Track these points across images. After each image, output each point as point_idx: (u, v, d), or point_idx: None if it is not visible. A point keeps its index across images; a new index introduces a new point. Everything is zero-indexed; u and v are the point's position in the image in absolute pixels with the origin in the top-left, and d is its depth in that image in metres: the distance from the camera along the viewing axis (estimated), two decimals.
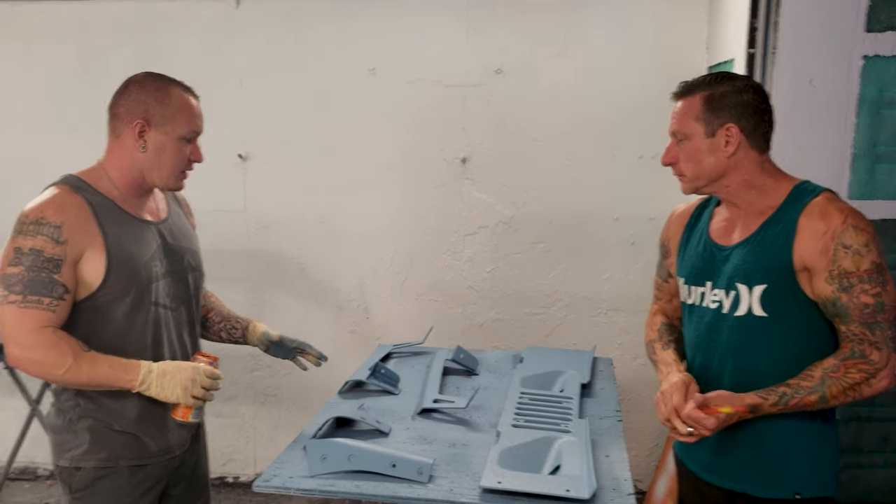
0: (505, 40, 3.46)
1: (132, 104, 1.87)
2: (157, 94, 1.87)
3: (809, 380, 1.65)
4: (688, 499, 1.99)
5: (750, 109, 1.73)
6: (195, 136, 1.93)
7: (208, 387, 1.86)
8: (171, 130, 1.87)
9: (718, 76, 1.79)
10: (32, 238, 1.75)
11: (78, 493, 1.90)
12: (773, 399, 1.64)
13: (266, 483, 1.82)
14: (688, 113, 1.76)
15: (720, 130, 1.73)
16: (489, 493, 1.71)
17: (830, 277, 1.65)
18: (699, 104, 1.75)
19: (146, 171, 1.89)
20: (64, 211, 1.79)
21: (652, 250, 3.46)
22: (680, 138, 1.79)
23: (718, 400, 1.65)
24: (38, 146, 3.75)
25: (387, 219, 3.62)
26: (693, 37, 3.38)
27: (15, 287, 1.74)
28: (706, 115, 1.74)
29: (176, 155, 1.90)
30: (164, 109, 1.86)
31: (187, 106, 1.90)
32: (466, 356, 2.63)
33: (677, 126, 1.79)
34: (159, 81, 1.90)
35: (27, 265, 1.74)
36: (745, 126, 1.73)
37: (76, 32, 3.68)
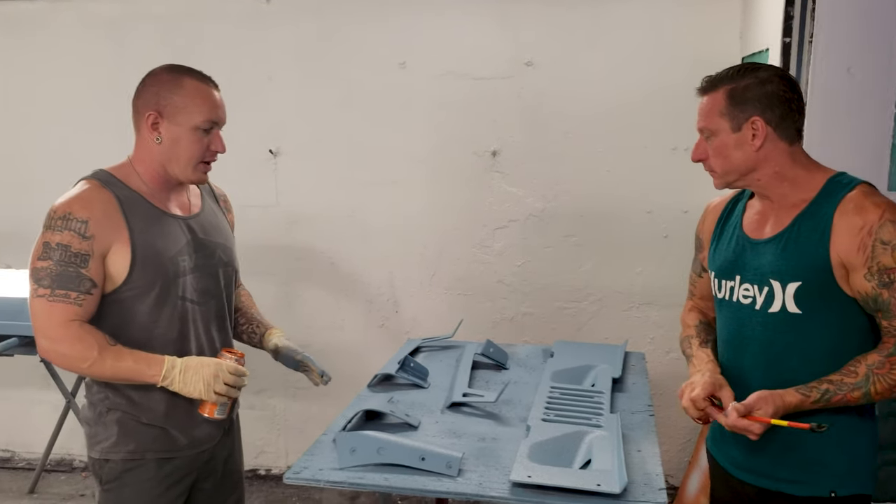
0: (535, 32, 3.43)
1: (147, 96, 1.89)
2: (168, 85, 1.87)
3: (853, 376, 1.61)
4: (720, 496, 1.96)
5: (775, 100, 1.69)
6: (212, 126, 1.90)
7: (231, 383, 1.86)
8: (184, 121, 1.86)
9: (741, 68, 1.75)
10: (60, 233, 1.78)
11: (107, 485, 1.93)
12: (815, 396, 1.61)
13: (296, 475, 1.82)
14: (712, 109, 1.74)
15: (745, 124, 1.70)
16: (519, 487, 1.70)
17: (870, 274, 1.61)
18: (723, 99, 1.72)
19: (165, 163, 1.90)
20: (91, 206, 1.81)
21: (685, 244, 3.41)
22: (707, 134, 1.76)
23: (760, 403, 1.61)
24: (72, 142, 3.80)
25: (416, 212, 3.62)
26: (727, 26, 3.33)
27: (44, 281, 1.77)
28: (730, 109, 1.71)
29: (192, 145, 1.88)
30: (175, 99, 1.86)
31: (201, 95, 1.88)
32: (496, 350, 2.62)
33: (703, 122, 1.76)
34: (173, 72, 1.90)
35: (55, 259, 1.77)
36: (770, 118, 1.69)
37: (109, 28, 3.72)
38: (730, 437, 1.85)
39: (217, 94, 1.92)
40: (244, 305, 2.24)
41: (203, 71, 1.95)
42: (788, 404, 1.60)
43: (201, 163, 1.92)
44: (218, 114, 1.91)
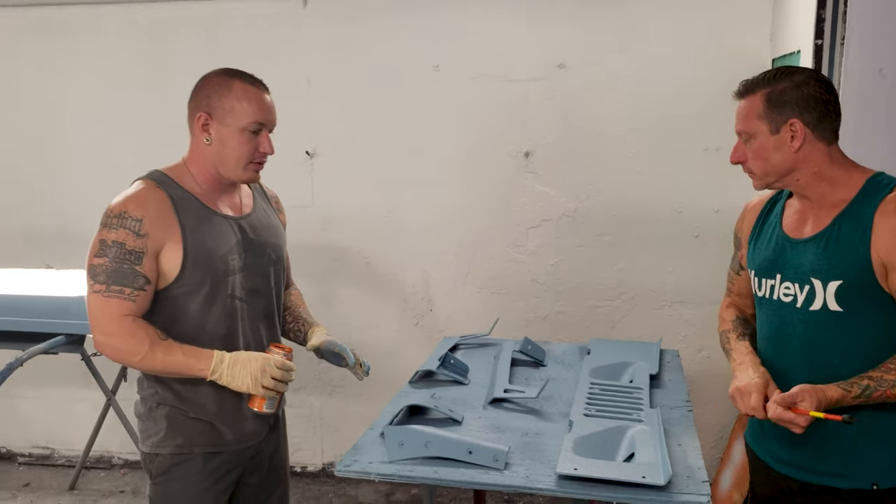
0: (567, 35, 3.48)
1: (198, 99, 1.95)
2: (218, 88, 1.92)
3: (893, 373, 1.65)
4: (761, 489, 2.00)
5: (812, 102, 1.73)
6: (260, 128, 1.94)
7: (279, 378, 1.89)
8: (232, 122, 1.91)
9: (777, 72, 1.79)
10: (116, 231, 1.84)
11: (157, 479, 1.99)
12: (855, 392, 1.65)
13: (347, 468, 1.88)
14: (750, 112, 1.78)
15: (784, 126, 1.74)
16: (565, 479, 1.75)
17: None
18: (761, 102, 1.76)
19: (216, 164, 1.95)
20: (146, 205, 1.87)
21: (716, 243, 3.49)
22: (745, 137, 1.80)
23: (802, 395, 1.63)
24: (113, 144, 3.90)
25: (450, 212, 3.67)
26: (757, 29, 3.36)
27: (100, 277, 1.84)
28: (768, 112, 1.75)
29: (240, 147, 1.93)
30: (224, 101, 1.91)
31: (249, 97, 1.92)
32: (534, 347, 2.67)
33: (742, 126, 1.81)
34: (223, 75, 1.95)
35: (111, 256, 1.83)
36: (808, 119, 1.73)
37: (150, 33, 3.81)
38: (770, 432, 1.90)
39: (266, 97, 1.97)
40: (293, 304, 2.29)
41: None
42: (830, 399, 1.63)
43: (251, 163, 1.96)
44: (266, 116, 1.95)
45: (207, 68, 3.90)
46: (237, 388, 1.88)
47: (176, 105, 3.73)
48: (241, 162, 1.95)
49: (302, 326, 2.25)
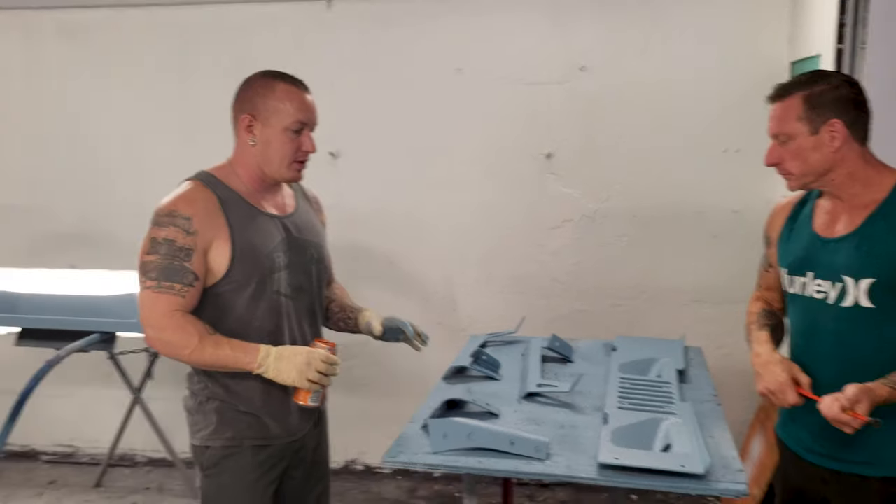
0: (588, 38, 3.55)
1: (242, 102, 2.01)
2: (261, 90, 1.98)
3: None
4: (792, 479, 2.07)
5: (850, 103, 1.80)
6: (302, 127, 2.00)
7: (324, 371, 1.94)
8: (276, 122, 1.97)
9: (812, 75, 1.85)
10: (166, 229, 1.90)
11: (208, 471, 2.04)
12: None
13: (393, 459, 1.94)
14: (788, 114, 1.82)
15: (823, 127, 1.79)
16: (606, 468, 1.81)
17: None
18: (799, 104, 1.80)
19: (261, 164, 2.01)
20: (195, 204, 1.93)
21: (735, 243, 3.57)
22: (783, 139, 1.84)
23: (860, 397, 1.65)
24: (136, 146, 3.97)
25: (473, 213, 3.74)
26: (774, 32, 3.43)
27: (151, 273, 1.89)
28: (808, 113, 1.79)
29: (283, 146, 1.98)
30: (267, 103, 1.96)
31: (291, 98, 1.98)
32: (562, 344, 2.73)
33: (779, 128, 1.84)
34: (266, 77, 2.01)
35: (162, 254, 1.89)
36: (847, 120, 1.79)
37: (176, 36, 3.87)
38: (800, 422, 1.96)
39: (308, 97, 2.02)
40: (338, 297, 2.36)
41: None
42: (880, 397, 1.67)
43: (294, 162, 2.02)
44: (307, 115, 2.01)
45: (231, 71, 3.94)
46: (283, 382, 1.93)
47: (201, 107, 3.85)
48: (286, 161, 2.00)
49: (350, 314, 2.33)
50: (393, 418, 3.90)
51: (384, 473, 4.04)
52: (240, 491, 2.03)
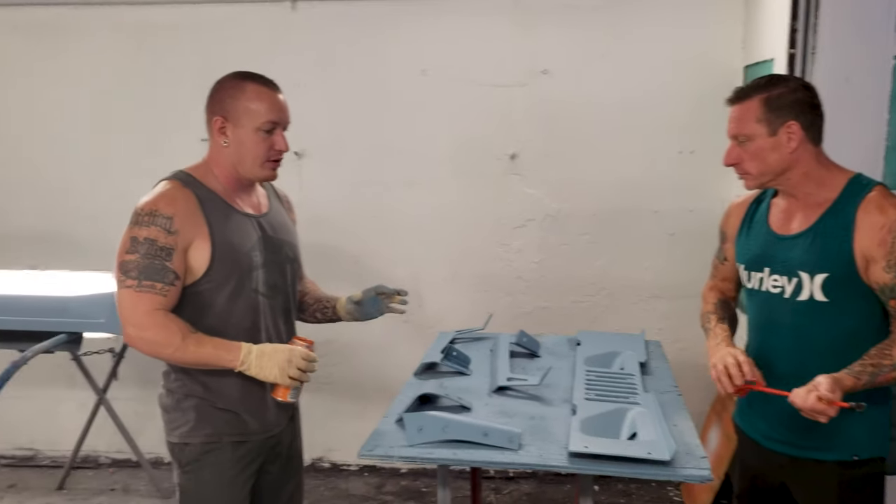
0: (550, 42, 3.64)
1: (214, 103, 2.03)
2: (231, 91, 2.00)
3: (889, 358, 1.81)
4: (751, 465, 2.17)
5: (805, 106, 1.90)
6: (274, 127, 2.01)
7: (304, 368, 1.99)
8: (247, 123, 1.99)
9: (770, 79, 1.95)
10: (147, 228, 1.91)
11: (187, 467, 2.06)
12: (865, 380, 1.79)
13: (370, 452, 1.99)
14: (747, 116, 1.90)
15: (781, 129, 1.88)
16: (576, 457, 1.88)
17: (889, 266, 1.82)
18: (758, 106, 1.89)
19: (235, 164, 2.03)
20: (175, 204, 1.94)
21: (690, 241, 3.69)
22: (742, 140, 1.92)
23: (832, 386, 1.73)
24: (101, 146, 3.94)
25: (438, 213, 3.80)
26: (729, 37, 3.56)
27: (131, 273, 1.91)
28: (766, 115, 1.88)
29: (256, 146, 2.00)
30: (238, 104, 1.99)
31: (262, 98, 2.00)
32: (529, 340, 2.81)
33: (739, 129, 1.93)
34: (236, 78, 2.04)
35: (142, 253, 1.90)
36: (803, 122, 1.88)
37: (137, 36, 3.85)
38: (758, 412, 2.07)
39: (279, 97, 2.04)
40: (311, 290, 2.40)
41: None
42: (846, 387, 1.76)
43: (268, 161, 2.04)
44: (279, 115, 2.03)
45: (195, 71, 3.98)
46: (265, 379, 1.97)
47: (165, 107, 3.85)
48: (259, 161, 2.03)
49: (327, 303, 2.38)
50: (359, 415, 3.99)
51: (351, 470, 4.08)
52: (219, 486, 2.06)
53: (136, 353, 3.81)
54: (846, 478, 1.94)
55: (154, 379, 4.03)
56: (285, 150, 2.08)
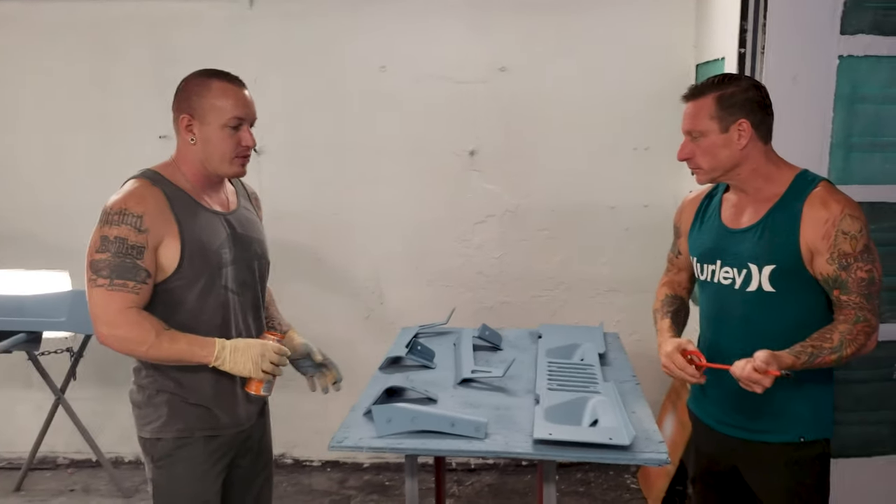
0: (507, 40, 3.70)
1: (179, 102, 2.04)
2: (197, 88, 2.02)
3: (829, 342, 1.90)
4: (704, 448, 2.27)
5: (756, 105, 1.98)
6: (240, 123, 2.03)
7: (276, 362, 2.02)
8: (213, 120, 2.00)
9: (724, 78, 2.03)
10: (117, 227, 1.92)
11: (160, 462, 2.08)
12: (804, 359, 1.88)
13: (340, 444, 2.01)
14: (701, 112, 1.99)
15: (733, 126, 1.97)
16: (541, 443, 1.94)
17: (832, 258, 1.92)
18: (712, 104, 1.97)
19: (203, 161, 2.05)
20: (145, 202, 1.96)
21: (645, 235, 3.80)
22: (695, 136, 2.01)
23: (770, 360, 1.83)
24: (56, 142, 3.90)
25: (399, 209, 3.84)
26: (681, 37, 3.65)
27: (102, 272, 1.91)
28: (719, 113, 1.97)
29: (223, 143, 2.02)
30: (204, 101, 2.00)
31: (227, 95, 2.01)
32: (492, 333, 2.86)
33: (692, 125, 2.01)
34: (202, 76, 2.05)
35: (113, 252, 1.91)
36: (753, 120, 1.97)
37: (93, 31, 3.81)
38: (711, 398, 2.16)
39: (244, 93, 2.06)
40: (267, 302, 2.41)
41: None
42: (784, 364, 1.86)
43: (236, 157, 2.06)
44: (245, 111, 2.05)
45: (151, 68, 3.95)
46: (238, 373, 2.00)
47: (122, 104, 3.82)
48: (226, 157, 2.04)
49: (277, 326, 2.41)
50: (320, 412, 4.01)
51: (314, 466, 4.11)
52: (192, 480, 2.08)
53: (94, 352, 3.84)
54: (794, 459, 2.04)
55: (113, 378, 4.06)
56: (252, 146, 2.09)
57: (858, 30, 2.92)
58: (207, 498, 2.11)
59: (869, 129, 3.04)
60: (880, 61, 2.96)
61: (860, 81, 2.98)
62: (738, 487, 2.19)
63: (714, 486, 2.28)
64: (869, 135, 3.04)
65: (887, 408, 3.24)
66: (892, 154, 3.06)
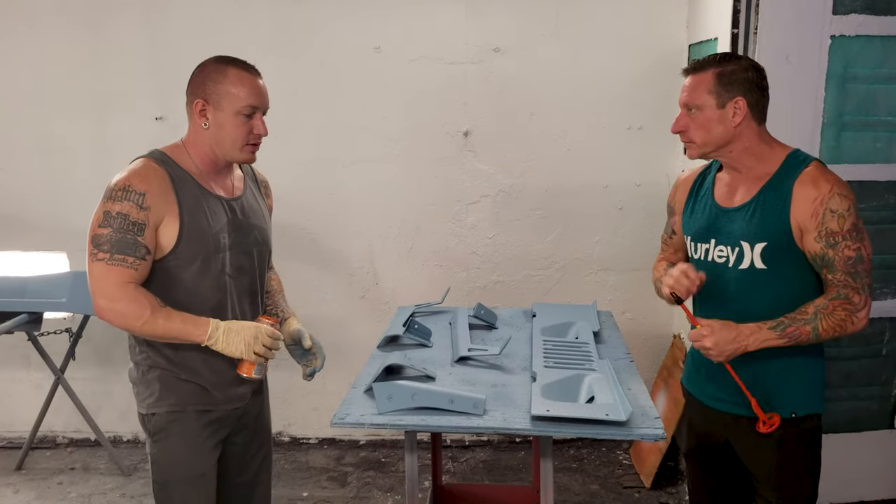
0: (501, 20, 3.71)
1: (195, 86, 2.06)
2: (213, 75, 2.03)
3: (804, 314, 1.96)
4: (697, 424, 2.30)
5: (754, 85, 2.01)
6: (253, 111, 2.06)
7: (269, 345, 2.05)
8: (227, 107, 2.03)
9: (726, 56, 2.05)
10: (120, 203, 1.94)
11: (156, 436, 2.12)
12: (770, 324, 1.95)
13: (342, 420, 2.05)
14: (700, 87, 2.01)
15: (729, 103, 1.99)
16: (538, 420, 1.99)
17: (819, 236, 1.95)
18: (712, 79, 2.00)
19: (214, 146, 2.07)
20: (148, 181, 1.98)
21: (638, 214, 3.83)
22: (692, 109, 2.03)
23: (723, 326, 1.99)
24: (50, 125, 3.89)
25: (394, 190, 3.86)
26: (674, 17, 3.67)
27: (103, 246, 1.94)
28: (718, 88, 1.99)
29: (236, 130, 2.05)
30: (219, 87, 2.02)
31: (242, 82, 2.04)
32: (487, 312, 2.90)
33: (690, 98, 2.03)
34: (219, 63, 2.06)
35: (115, 227, 1.93)
36: (750, 100, 1.99)
37: (86, 14, 3.79)
38: (704, 376, 2.20)
39: (259, 82, 2.09)
40: (273, 290, 2.44)
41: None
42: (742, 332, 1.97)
43: (247, 145, 2.09)
44: (259, 100, 2.08)
45: (144, 51, 3.93)
46: (231, 354, 2.02)
47: (113, 87, 3.81)
48: (238, 144, 2.07)
49: (280, 313, 2.42)
50: (317, 390, 4.06)
51: (311, 443, 4.15)
52: (187, 452, 2.12)
53: (93, 333, 3.85)
54: (785, 434, 2.08)
55: (111, 358, 4.08)
56: (264, 135, 2.12)
57: (850, 9, 2.95)
58: (203, 471, 2.15)
59: (860, 108, 3.08)
60: (872, 41, 2.99)
61: (852, 61, 3.02)
62: (731, 463, 2.23)
63: (707, 462, 2.32)
64: (860, 114, 3.08)
65: (877, 383, 3.31)
66: (883, 133, 3.10)
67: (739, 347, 1.97)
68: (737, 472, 2.24)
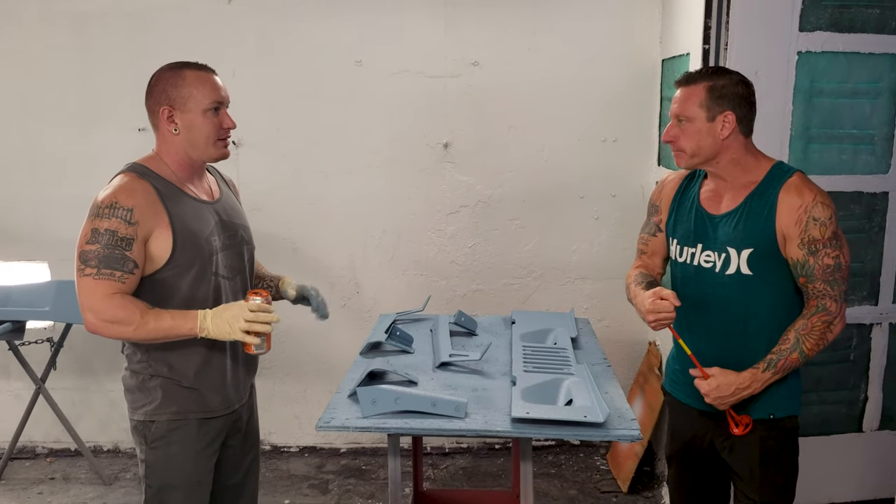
0: (479, 35, 3.79)
1: (156, 95, 2.10)
2: (172, 80, 2.08)
3: (787, 343, 2.05)
4: (680, 426, 2.38)
5: (743, 101, 2.09)
6: (219, 106, 2.11)
7: (251, 319, 2.02)
8: (193, 107, 2.08)
9: (717, 70, 2.13)
10: (108, 220, 1.98)
11: (154, 444, 2.15)
12: (762, 367, 2.06)
13: (327, 424, 2.10)
14: (691, 99, 2.08)
15: (719, 116, 2.07)
16: (519, 422, 2.05)
17: (802, 243, 2.04)
18: (703, 92, 2.07)
19: (187, 149, 2.12)
20: (134, 195, 2.02)
21: (613, 224, 3.91)
22: (682, 120, 2.10)
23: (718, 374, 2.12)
24: (34, 135, 3.92)
25: (374, 200, 3.92)
26: (647, 32, 3.77)
27: (91, 262, 1.97)
28: (708, 102, 2.06)
29: (205, 127, 2.10)
30: (182, 91, 2.07)
31: (202, 81, 2.09)
32: (467, 319, 2.96)
33: (681, 110, 2.10)
34: (173, 69, 2.12)
35: (103, 243, 1.97)
36: (738, 114, 2.07)
37: (73, 24, 3.83)
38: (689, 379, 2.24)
39: (216, 78, 2.15)
40: (256, 268, 2.49)
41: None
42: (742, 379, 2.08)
43: (219, 140, 2.15)
44: (221, 94, 2.13)
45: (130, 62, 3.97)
46: (223, 338, 2.04)
47: (100, 98, 3.85)
48: (211, 140, 2.13)
49: (270, 282, 2.49)
50: (299, 398, 4.10)
51: (291, 452, 4.18)
52: (185, 460, 2.15)
53: (74, 343, 3.85)
54: (765, 434, 2.16)
55: (91, 369, 4.08)
56: (233, 127, 2.18)
57: (816, 27, 3.05)
58: (200, 478, 2.19)
59: (826, 121, 3.18)
60: (836, 57, 3.10)
61: (818, 76, 3.12)
62: (713, 464, 2.31)
63: (691, 465, 2.39)
64: (826, 127, 3.18)
65: (845, 388, 3.40)
66: (848, 146, 3.21)
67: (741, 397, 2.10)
68: (720, 476, 2.33)
